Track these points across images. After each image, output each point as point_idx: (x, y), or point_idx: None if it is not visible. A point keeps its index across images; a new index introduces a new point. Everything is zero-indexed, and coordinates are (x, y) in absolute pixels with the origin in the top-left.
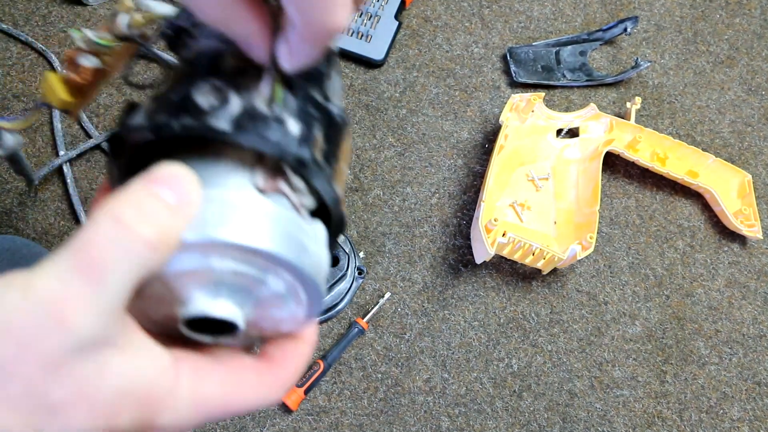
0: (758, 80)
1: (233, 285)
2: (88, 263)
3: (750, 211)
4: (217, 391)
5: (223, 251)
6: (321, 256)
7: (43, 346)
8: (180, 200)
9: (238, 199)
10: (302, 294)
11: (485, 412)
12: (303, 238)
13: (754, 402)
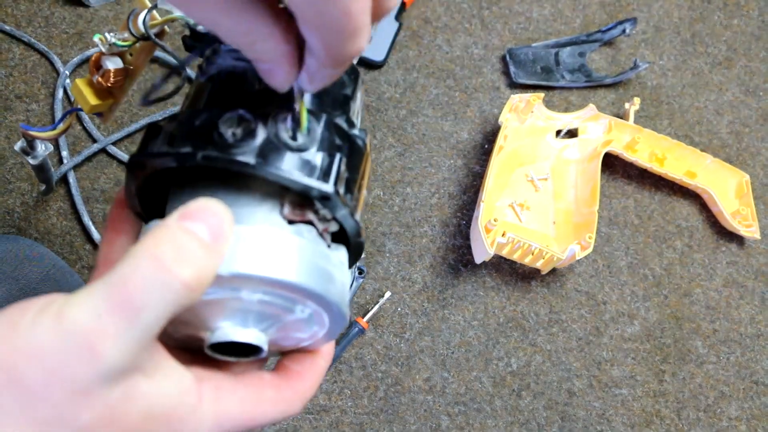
0: (756, 81)
1: (261, 313)
2: (125, 300)
3: (748, 212)
4: (238, 408)
5: (253, 284)
6: (345, 283)
7: (73, 373)
8: (215, 237)
9: (267, 234)
10: (326, 319)
11: (485, 410)
12: (329, 268)
13: (752, 401)
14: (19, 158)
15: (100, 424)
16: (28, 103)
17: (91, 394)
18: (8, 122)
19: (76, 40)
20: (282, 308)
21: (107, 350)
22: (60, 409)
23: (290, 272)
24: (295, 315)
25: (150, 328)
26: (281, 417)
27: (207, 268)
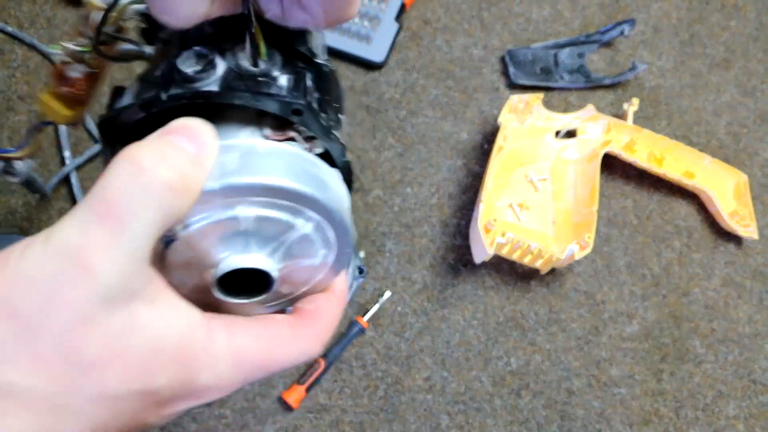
0: (754, 82)
1: (261, 234)
2: (107, 208)
3: (746, 212)
4: (255, 345)
5: (246, 196)
6: (341, 193)
7: (70, 296)
8: (198, 146)
9: (252, 145)
10: (330, 233)
11: (484, 410)
12: (321, 176)
13: (749, 400)
14: None
15: (104, 358)
16: (30, 104)
17: (91, 321)
18: (11, 123)
19: None
20: (282, 225)
21: (99, 263)
22: (60, 343)
23: (281, 176)
24: (298, 232)
25: (140, 236)
26: (301, 357)
27: (192, 174)
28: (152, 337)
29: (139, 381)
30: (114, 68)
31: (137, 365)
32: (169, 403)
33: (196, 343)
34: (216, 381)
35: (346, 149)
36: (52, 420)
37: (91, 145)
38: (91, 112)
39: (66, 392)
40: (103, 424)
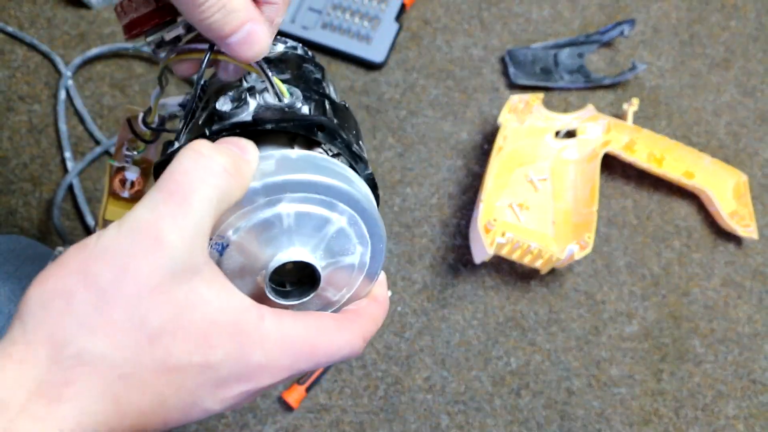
0: (753, 82)
1: (303, 231)
2: (173, 187)
3: (746, 212)
4: (301, 332)
5: (285, 193)
6: (368, 191)
7: (142, 266)
8: (244, 150)
9: (286, 153)
10: (363, 228)
11: (484, 410)
12: (348, 174)
13: (749, 399)
14: (22, 159)
15: (168, 328)
16: (30, 104)
17: (159, 291)
18: (11, 123)
19: (79, 42)
20: (320, 219)
21: (168, 235)
22: (131, 311)
23: (312, 172)
24: (334, 225)
25: (201, 212)
26: (345, 348)
27: (241, 162)
28: (211, 312)
29: (198, 353)
30: None
31: (197, 337)
32: (225, 382)
33: (248, 322)
34: (266, 360)
35: (369, 164)
36: (119, 388)
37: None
38: None
39: (133, 360)
40: (165, 398)
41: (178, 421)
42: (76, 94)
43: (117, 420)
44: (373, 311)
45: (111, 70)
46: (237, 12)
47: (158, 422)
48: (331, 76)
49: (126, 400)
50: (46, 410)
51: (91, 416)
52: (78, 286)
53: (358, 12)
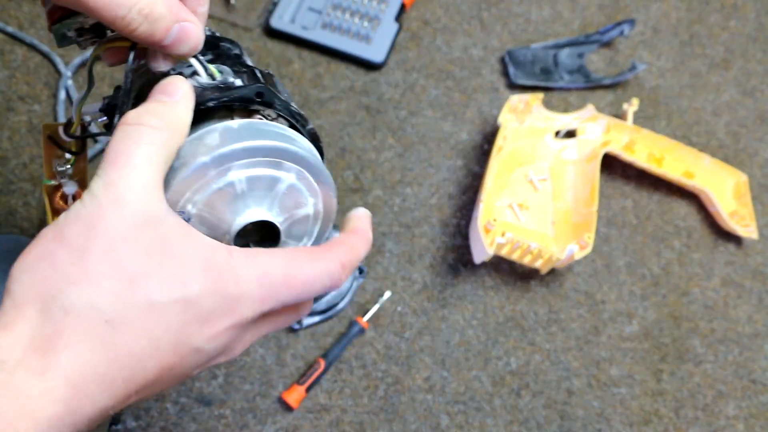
0: (753, 82)
1: (256, 193)
2: (114, 157)
3: (745, 212)
4: (275, 263)
5: (233, 161)
6: (310, 146)
7: (107, 222)
8: (172, 94)
9: (227, 125)
10: (310, 178)
11: (484, 409)
12: (289, 134)
13: (749, 400)
14: (22, 159)
15: (144, 270)
16: (30, 104)
17: (128, 239)
18: (11, 123)
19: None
20: (269, 179)
21: (123, 193)
22: (107, 259)
23: (255, 138)
24: (284, 183)
25: (143, 168)
26: (323, 277)
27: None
28: (180, 252)
29: (177, 288)
30: None
31: (172, 275)
32: (209, 317)
33: (218, 258)
34: (242, 291)
35: (308, 119)
36: (108, 332)
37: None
38: None
39: (117, 304)
40: (155, 338)
41: (174, 365)
42: (76, 95)
43: (114, 367)
44: (351, 240)
45: (111, 70)
46: (162, 18)
47: (155, 366)
48: (331, 75)
49: (117, 343)
50: (41, 362)
51: (86, 364)
52: (56, 249)
53: (358, 12)
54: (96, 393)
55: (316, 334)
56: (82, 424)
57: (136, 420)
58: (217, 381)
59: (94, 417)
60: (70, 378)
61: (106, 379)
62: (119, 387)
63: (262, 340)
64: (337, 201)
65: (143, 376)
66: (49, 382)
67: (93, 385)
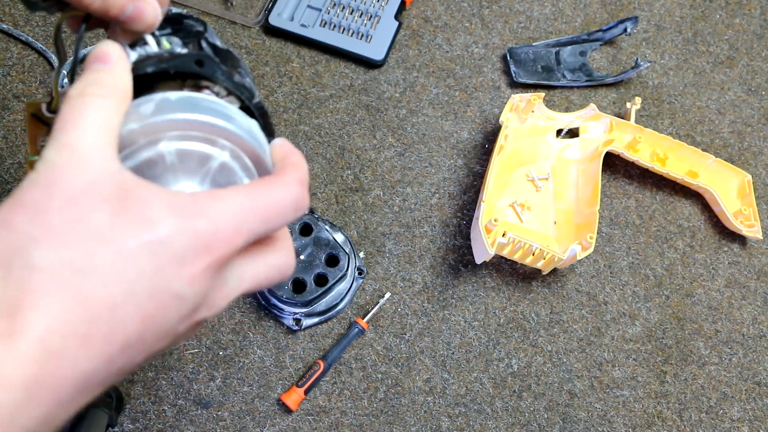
0: (758, 80)
1: (187, 168)
2: (62, 125)
3: (750, 212)
4: (237, 195)
5: (164, 132)
6: (250, 125)
7: (65, 178)
8: (106, 61)
9: (166, 96)
10: (247, 160)
11: (485, 412)
12: (226, 111)
13: (754, 402)
14: (17, 158)
15: (106, 217)
16: (25, 103)
17: (87, 192)
18: (6, 122)
19: (74, 40)
20: (201, 156)
21: (76, 154)
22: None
23: (189, 111)
24: (217, 160)
25: (95, 129)
26: (287, 198)
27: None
28: (143, 197)
29: (145, 231)
30: None
31: (139, 218)
32: (184, 258)
33: (181, 199)
34: (212, 225)
35: (255, 94)
36: (78, 282)
37: None
38: None
39: (84, 253)
40: (129, 285)
41: (154, 314)
42: None
43: (89, 321)
44: (293, 160)
45: None
46: None
47: (133, 317)
48: (330, 73)
49: (89, 295)
50: (9, 326)
51: (57, 321)
52: (13, 216)
53: (357, 10)
54: (73, 352)
55: (315, 335)
56: (64, 390)
57: (133, 423)
58: (215, 383)
59: (77, 382)
60: (43, 338)
61: (82, 335)
62: (98, 344)
63: (260, 340)
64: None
65: (123, 331)
66: (19, 343)
67: (68, 342)
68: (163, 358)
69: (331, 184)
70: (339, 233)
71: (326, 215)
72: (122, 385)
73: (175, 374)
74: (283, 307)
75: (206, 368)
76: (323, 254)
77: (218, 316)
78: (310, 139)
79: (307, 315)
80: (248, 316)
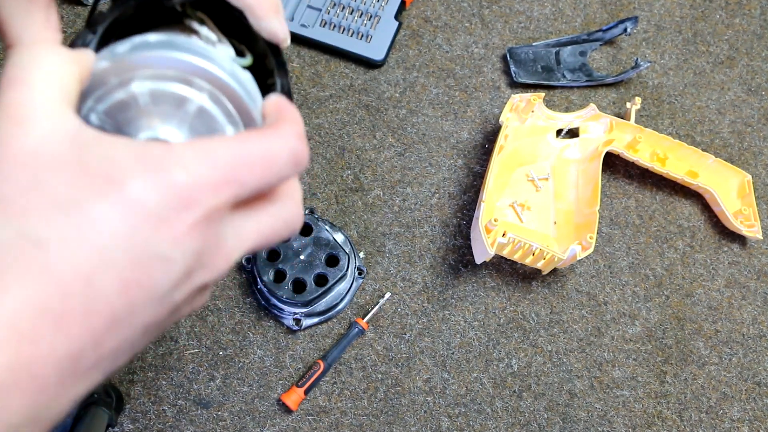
0: (758, 80)
1: (162, 111)
2: (8, 81)
3: (750, 212)
4: (223, 145)
5: (136, 71)
6: (236, 71)
7: (16, 139)
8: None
9: (145, 37)
10: (229, 105)
11: (485, 412)
12: (209, 53)
13: (754, 402)
14: None
15: (67, 177)
16: None
17: (42, 153)
18: None
19: None
20: (176, 97)
21: (26, 112)
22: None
23: (163, 50)
24: (194, 104)
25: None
26: (283, 149)
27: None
28: (108, 154)
29: (111, 190)
30: None
31: (103, 176)
32: (162, 215)
33: (153, 149)
34: (191, 176)
35: (259, 38)
36: (43, 258)
37: None
38: None
39: (46, 222)
40: (102, 252)
41: (139, 281)
42: None
43: (62, 295)
44: (288, 114)
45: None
46: None
47: (114, 287)
48: (330, 73)
49: (58, 269)
50: None
51: (26, 301)
52: None
53: (357, 10)
54: (49, 333)
55: (315, 335)
56: (47, 376)
57: (133, 423)
58: (215, 383)
59: (62, 366)
60: (11, 323)
61: (56, 314)
62: (77, 322)
63: (260, 340)
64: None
65: (104, 304)
66: None
67: (41, 323)
68: (163, 358)
69: (331, 184)
70: (339, 233)
71: (326, 215)
72: (122, 385)
73: (175, 374)
74: (283, 307)
75: (206, 368)
76: (323, 254)
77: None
78: (310, 139)
79: (307, 315)
80: (248, 316)
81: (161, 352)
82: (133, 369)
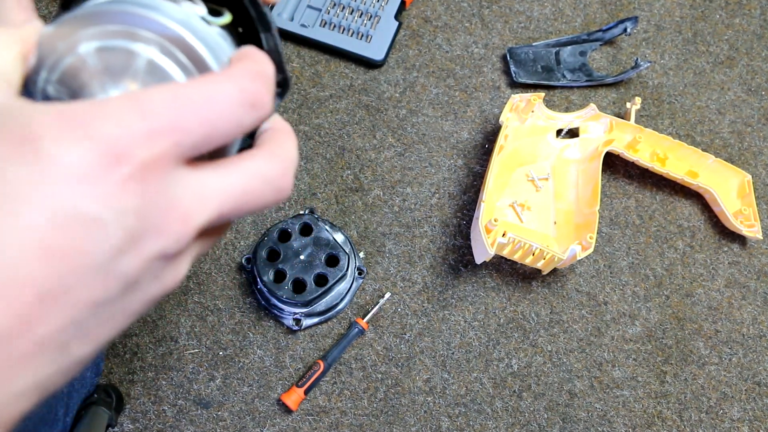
0: (758, 80)
1: (111, 70)
2: None
3: (750, 212)
4: (158, 89)
5: (79, 30)
6: (191, 19)
7: None
8: None
9: None
10: (182, 57)
11: (485, 412)
12: (155, 3)
13: (754, 402)
14: None
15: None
16: None
17: None
18: None
19: None
20: (122, 52)
21: None
22: None
23: (108, 3)
24: (143, 58)
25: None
26: (232, 91)
27: None
28: (22, 120)
29: (23, 152)
30: None
31: (14, 142)
32: (85, 174)
33: (76, 106)
34: (116, 126)
35: None
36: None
37: None
38: None
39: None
40: (14, 219)
41: (67, 250)
42: None
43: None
44: (250, 56)
45: None
46: None
47: (37, 259)
48: (330, 73)
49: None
50: None
51: None
52: None
53: (357, 10)
54: None
55: (315, 335)
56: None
57: (133, 423)
58: (215, 383)
59: None
60: None
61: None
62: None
63: (260, 340)
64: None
65: (26, 278)
66: None
67: None
68: (163, 358)
69: (331, 184)
70: (339, 233)
71: (326, 215)
72: (122, 385)
73: (175, 374)
74: (283, 307)
75: (206, 368)
76: (323, 254)
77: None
78: (310, 139)
79: (307, 315)
80: (248, 316)
81: (161, 352)
82: (133, 369)
